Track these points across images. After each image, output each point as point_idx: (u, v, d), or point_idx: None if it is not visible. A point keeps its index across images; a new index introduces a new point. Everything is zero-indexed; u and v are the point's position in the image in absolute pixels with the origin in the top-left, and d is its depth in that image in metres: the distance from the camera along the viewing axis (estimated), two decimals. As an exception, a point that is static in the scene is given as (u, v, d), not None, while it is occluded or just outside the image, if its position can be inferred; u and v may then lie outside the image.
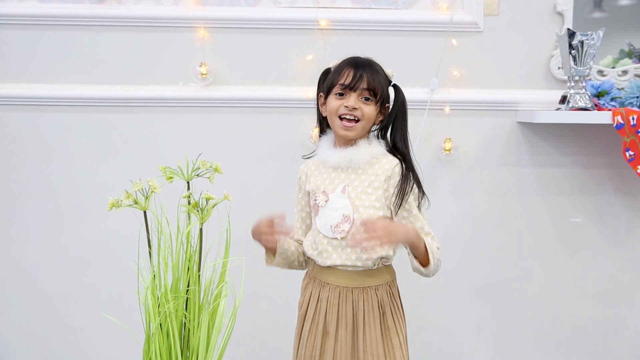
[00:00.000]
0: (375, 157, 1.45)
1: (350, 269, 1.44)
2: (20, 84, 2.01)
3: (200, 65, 1.99)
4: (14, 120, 2.03)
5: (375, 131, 1.51)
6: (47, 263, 2.09)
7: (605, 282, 2.15)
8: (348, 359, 1.44)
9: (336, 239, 1.43)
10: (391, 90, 1.49)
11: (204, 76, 1.99)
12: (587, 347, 2.18)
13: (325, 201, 1.44)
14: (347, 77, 1.42)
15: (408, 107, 1.50)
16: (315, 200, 1.46)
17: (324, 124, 1.54)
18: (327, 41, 2.01)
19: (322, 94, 1.51)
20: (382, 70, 1.47)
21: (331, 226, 1.43)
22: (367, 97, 1.43)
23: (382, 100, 1.45)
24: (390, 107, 1.49)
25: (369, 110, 1.43)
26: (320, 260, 1.45)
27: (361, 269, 1.44)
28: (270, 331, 2.11)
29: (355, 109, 1.41)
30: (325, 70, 1.53)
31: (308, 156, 1.57)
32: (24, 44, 2.00)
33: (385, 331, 1.46)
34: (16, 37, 1.99)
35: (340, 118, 1.43)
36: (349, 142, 1.46)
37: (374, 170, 1.45)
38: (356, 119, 1.42)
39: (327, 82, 1.48)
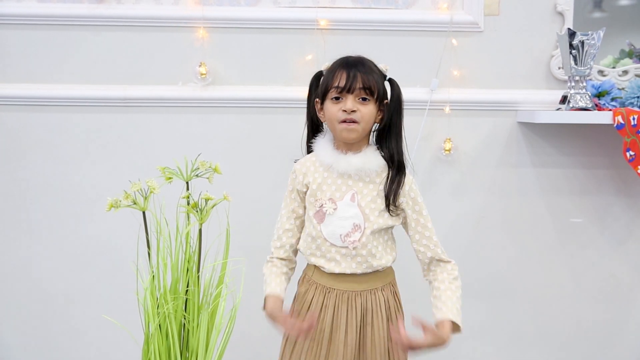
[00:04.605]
0: (383, 166, 1.42)
1: (359, 272, 1.41)
2: (18, 84, 2.00)
3: (200, 65, 1.98)
4: (11, 120, 2.02)
5: (375, 131, 1.45)
6: (45, 263, 2.08)
7: (605, 282, 2.15)
8: None
9: (346, 247, 1.39)
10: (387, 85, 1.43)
11: (203, 76, 1.99)
12: (587, 348, 2.17)
13: (334, 209, 1.40)
14: (340, 79, 1.36)
15: (409, 107, 1.46)
16: (322, 207, 1.41)
17: (312, 128, 1.50)
18: (327, 41, 2.00)
19: (317, 100, 1.44)
20: (376, 66, 1.42)
21: (341, 235, 1.39)
22: (364, 97, 1.37)
23: (380, 97, 1.40)
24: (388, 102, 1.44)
25: (368, 110, 1.37)
26: (328, 268, 1.41)
27: (370, 271, 1.42)
28: (270, 332, 2.06)
29: (353, 111, 1.36)
30: (316, 73, 1.47)
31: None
32: (22, 43, 1.99)
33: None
34: (14, 37, 1.98)
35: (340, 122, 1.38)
36: (351, 146, 1.42)
37: (381, 179, 1.42)
38: (356, 121, 1.37)
39: (321, 87, 1.42)
